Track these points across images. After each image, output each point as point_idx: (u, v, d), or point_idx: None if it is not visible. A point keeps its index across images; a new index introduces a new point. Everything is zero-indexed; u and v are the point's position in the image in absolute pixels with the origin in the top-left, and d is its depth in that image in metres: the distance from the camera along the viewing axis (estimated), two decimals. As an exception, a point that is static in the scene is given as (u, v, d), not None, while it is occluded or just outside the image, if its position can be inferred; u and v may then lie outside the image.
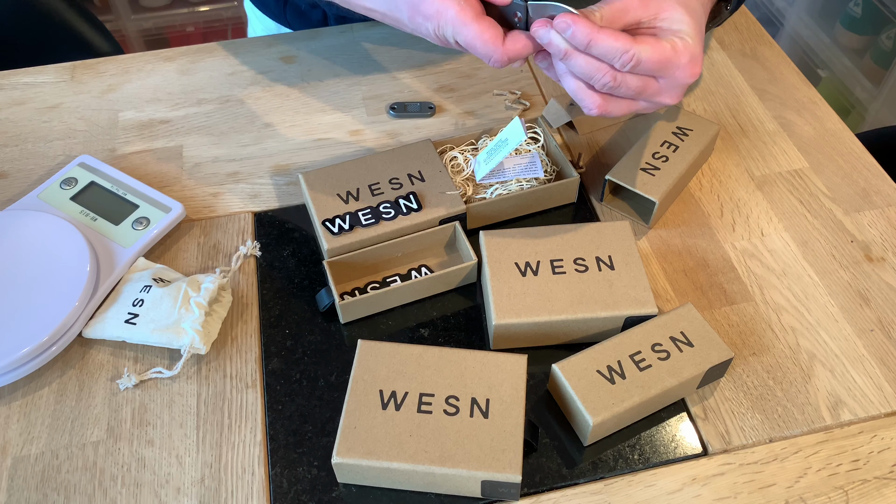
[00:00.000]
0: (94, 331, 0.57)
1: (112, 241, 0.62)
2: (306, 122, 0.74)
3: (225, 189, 0.69)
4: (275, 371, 0.57)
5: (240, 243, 0.65)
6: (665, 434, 0.53)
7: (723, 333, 0.59)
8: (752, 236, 0.65)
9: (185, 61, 0.81)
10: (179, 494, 0.51)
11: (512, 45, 0.50)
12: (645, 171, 0.64)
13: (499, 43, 0.50)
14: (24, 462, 0.52)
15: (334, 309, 0.59)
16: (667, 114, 0.69)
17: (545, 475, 0.52)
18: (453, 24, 0.51)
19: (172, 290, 0.58)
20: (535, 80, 0.79)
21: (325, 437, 0.53)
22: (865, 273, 0.62)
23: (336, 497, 0.51)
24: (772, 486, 0.51)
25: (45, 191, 0.65)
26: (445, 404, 0.50)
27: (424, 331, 0.59)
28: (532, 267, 0.58)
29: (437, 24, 0.52)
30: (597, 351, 0.53)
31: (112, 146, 0.73)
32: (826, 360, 0.57)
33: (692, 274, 0.62)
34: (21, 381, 0.56)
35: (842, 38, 1.66)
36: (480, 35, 0.50)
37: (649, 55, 0.50)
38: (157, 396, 0.55)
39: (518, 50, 0.51)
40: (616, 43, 0.49)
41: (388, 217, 0.61)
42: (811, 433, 0.53)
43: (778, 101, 0.77)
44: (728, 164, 0.71)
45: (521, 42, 0.51)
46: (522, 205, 0.65)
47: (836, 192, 0.68)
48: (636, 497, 0.51)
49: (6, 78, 0.79)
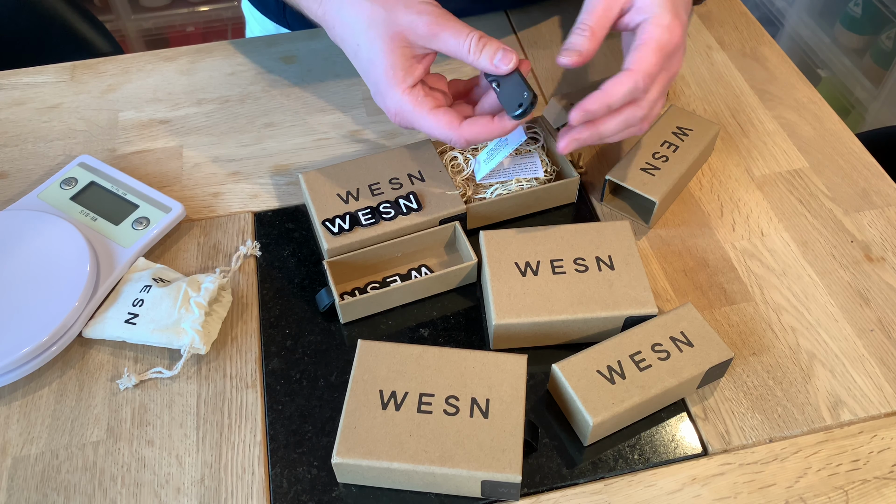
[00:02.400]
0: (94, 331, 0.57)
1: (112, 241, 0.62)
2: (306, 122, 0.74)
3: (225, 189, 0.69)
4: (275, 371, 0.57)
5: (240, 243, 0.65)
6: (665, 434, 0.53)
7: (723, 333, 0.59)
8: (752, 236, 0.65)
9: (185, 61, 0.81)
10: (179, 494, 0.51)
11: (468, 129, 0.55)
12: (645, 171, 0.64)
13: (455, 126, 0.55)
14: (24, 462, 0.52)
15: (334, 309, 0.59)
16: (667, 114, 0.69)
17: (545, 475, 0.52)
18: (411, 117, 0.56)
19: (172, 290, 0.58)
20: (535, 80, 0.79)
21: (325, 437, 0.53)
22: (865, 273, 0.62)
23: (336, 497, 0.51)
24: (772, 486, 0.51)
25: (45, 191, 0.65)
26: (445, 404, 0.50)
27: (424, 331, 0.59)
28: (532, 267, 0.58)
29: (396, 115, 0.57)
30: (597, 351, 0.53)
31: (112, 146, 0.73)
32: (826, 360, 0.57)
33: (692, 274, 0.62)
34: (21, 381, 0.56)
35: (842, 38, 1.66)
36: (437, 125, 0.56)
37: (620, 91, 0.56)
38: (157, 396, 0.55)
39: (475, 133, 0.55)
40: (614, 95, 0.56)
41: (388, 217, 0.61)
42: (811, 433, 0.53)
43: (778, 101, 0.77)
44: (728, 164, 0.71)
45: (477, 126, 0.55)
46: (522, 205, 0.65)
47: (836, 192, 0.68)
48: (636, 497, 0.51)
49: (6, 78, 0.79)
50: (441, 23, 0.54)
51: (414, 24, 0.54)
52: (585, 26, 0.56)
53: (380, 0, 0.56)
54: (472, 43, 0.54)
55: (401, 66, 0.55)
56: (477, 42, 0.54)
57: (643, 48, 0.56)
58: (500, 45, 0.55)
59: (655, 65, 0.56)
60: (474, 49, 0.54)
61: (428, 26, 0.54)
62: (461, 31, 0.54)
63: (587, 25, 0.56)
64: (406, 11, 0.55)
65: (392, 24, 0.55)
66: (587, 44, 0.56)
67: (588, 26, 0.56)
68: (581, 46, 0.56)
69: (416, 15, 0.54)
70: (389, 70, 0.56)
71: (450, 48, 0.54)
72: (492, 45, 0.54)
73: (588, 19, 0.57)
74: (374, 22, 0.56)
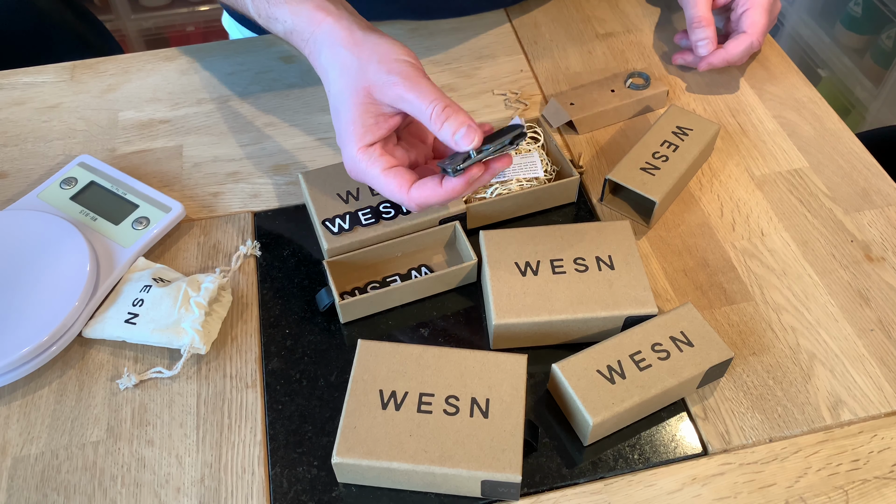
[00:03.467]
0: (94, 331, 0.57)
1: (112, 240, 0.62)
2: (306, 122, 0.74)
3: (225, 189, 0.69)
4: (275, 371, 0.57)
5: (240, 243, 0.65)
6: (665, 434, 0.53)
7: (723, 333, 0.59)
8: (752, 236, 0.65)
9: (185, 61, 0.81)
10: (179, 494, 0.51)
11: (418, 192, 0.54)
12: (645, 171, 0.64)
13: (404, 190, 0.54)
14: (23, 462, 0.52)
15: (334, 309, 0.59)
16: (667, 114, 0.69)
17: (545, 475, 0.52)
18: (363, 175, 0.56)
19: (172, 290, 0.58)
20: (535, 79, 0.79)
21: (325, 436, 0.53)
22: (865, 273, 0.62)
23: (336, 497, 0.51)
24: (772, 486, 0.51)
25: (45, 190, 0.65)
26: (445, 404, 0.50)
27: (424, 331, 0.59)
28: (532, 267, 0.58)
29: (350, 170, 0.57)
30: (597, 351, 0.53)
31: (112, 146, 0.73)
32: (826, 360, 0.57)
33: (692, 274, 0.62)
34: (21, 381, 0.56)
35: (842, 37, 1.66)
36: (387, 186, 0.55)
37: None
38: (157, 396, 0.55)
39: (425, 197, 0.54)
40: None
41: (388, 217, 0.61)
42: (811, 433, 0.53)
43: (778, 100, 0.77)
44: (728, 163, 0.71)
45: (426, 191, 0.54)
46: (522, 204, 0.65)
47: (836, 192, 0.68)
48: (636, 497, 0.51)
49: (6, 78, 0.79)
50: (409, 85, 0.52)
51: (382, 82, 0.53)
52: (700, 18, 0.74)
53: (357, 51, 0.54)
54: (434, 111, 0.52)
55: (362, 122, 0.54)
56: (441, 112, 0.52)
57: (752, 12, 0.74)
58: (465, 119, 0.52)
59: (765, 24, 0.74)
60: (435, 118, 0.52)
61: (394, 87, 0.53)
62: (428, 95, 0.52)
63: (701, 17, 0.74)
64: (377, 68, 0.53)
65: (362, 77, 0.54)
66: (711, 32, 0.74)
67: (702, 17, 0.74)
68: (710, 36, 0.74)
69: (385, 74, 0.53)
70: (350, 125, 0.55)
71: (414, 111, 0.53)
72: (457, 118, 0.52)
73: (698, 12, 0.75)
74: (346, 71, 0.55)
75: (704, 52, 0.74)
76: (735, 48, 0.73)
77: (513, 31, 0.84)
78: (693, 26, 0.75)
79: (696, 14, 0.74)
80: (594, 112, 0.72)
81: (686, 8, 0.76)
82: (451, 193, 0.54)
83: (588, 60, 0.81)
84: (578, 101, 0.73)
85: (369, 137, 0.55)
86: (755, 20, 0.74)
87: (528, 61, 0.81)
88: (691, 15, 0.75)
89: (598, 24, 0.85)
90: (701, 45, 0.74)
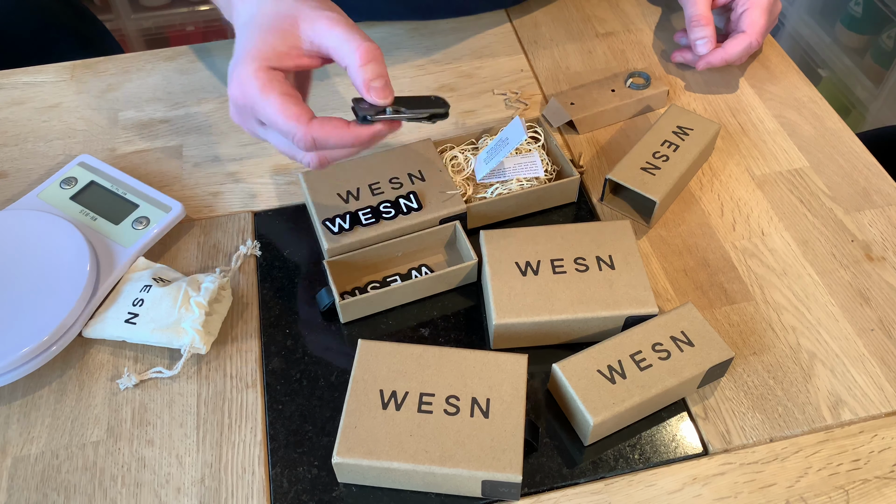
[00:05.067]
0: (94, 331, 0.57)
1: (112, 240, 0.62)
2: (306, 122, 0.74)
3: (225, 189, 0.69)
4: (275, 371, 0.57)
5: (240, 243, 0.65)
6: (665, 434, 0.53)
7: (723, 333, 0.58)
8: (753, 236, 0.65)
9: (185, 61, 0.81)
10: (179, 494, 0.51)
11: (319, 127, 0.48)
12: (645, 171, 0.64)
13: (303, 120, 0.48)
14: (24, 462, 0.52)
15: (334, 309, 0.59)
16: (667, 113, 0.69)
17: (545, 475, 0.52)
18: (254, 99, 0.48)
19: (172, 290, 0.57)
20: (535, 79, 0.79)
21: (325, 436, 0.53)
22: (866, 272, 0.62)
23: (336, 497, 0.51)
24: (772, 486, 0.51)
25: (45, 190, 0.65)
26: (446, 404, 0.50)
27: (424, 330, 0.59)
28: (532, 266, 0.58)
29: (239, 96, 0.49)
30: (597, 351, 0.53)
31: (112, 146, 0.73)
32: (826, 360, 0.57)
33: (692, 273, 0.62)
34: (21, 381, 0.56)
35: (842, 37, 1.66)
36: (282, 114, 0.48)
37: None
38: (157, 396, 0.55)
39: (326, 133, 0.48)
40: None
41: (389, 216, 0.61)
42: (812, 433, 0.53)
43: (778, 100, 0.77)
44: (728, 163, 0.71)
45: (328, 127, 0.48)
46: (523, 204, 0.65)
47: (836, 192, 0.68)
48: (636, 497, 0.51)
49: (6, 77, 0.79)
50: (344, 22, 0.50)
51: (316, 15, 0.50)
52: (699, 17, 0.74)
53: None
54: (363, 49, 0.49)
55: (273, 46, 0.49)
56: (367, 52, 0.49)
57: (751, 12, 0.74)
58: (387, 74, 0.50)
59: (764, 25, 0.74)
60: (362, 55, 0.49)
61: (327, 20, 0.50)
62: (359, 37, 0.50)
63: (700, 15, 0.74)
64: (315, 4, 0.51)
65: (293, 5, 0.51)
66: (710, 31, 0.74)
67: (701, 15, 0.74)
68: (709, 35, 0.74)
69: (321, 10, 0.50)
70: (259, 43, 0.49)
71: (339, 45, 0.50)
72: (381, 67, 0.49)
73: (697, 10, 0.75)
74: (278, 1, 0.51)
75: (703, 50, 0.75)
76: (734, 48, 0.74)
77: (513, 31, 0.84)
78: (692, 25, 0.75)
79: (695, 13, 0.75)
80: (594, 112, 0.72)
81: (685, 6, 0.76)
82: (356, 139, 0.50)
83: (588, 60, 0.81)
84: (579, 100, 0.73)
85: (275, 62, 0.49)
86: (754, 20, 0.74)
87: (529, 61, 0.81)
88: (690, 13, 0.75)
89: (599, 24, 0.85)
90: (700, 43, 0.75)
